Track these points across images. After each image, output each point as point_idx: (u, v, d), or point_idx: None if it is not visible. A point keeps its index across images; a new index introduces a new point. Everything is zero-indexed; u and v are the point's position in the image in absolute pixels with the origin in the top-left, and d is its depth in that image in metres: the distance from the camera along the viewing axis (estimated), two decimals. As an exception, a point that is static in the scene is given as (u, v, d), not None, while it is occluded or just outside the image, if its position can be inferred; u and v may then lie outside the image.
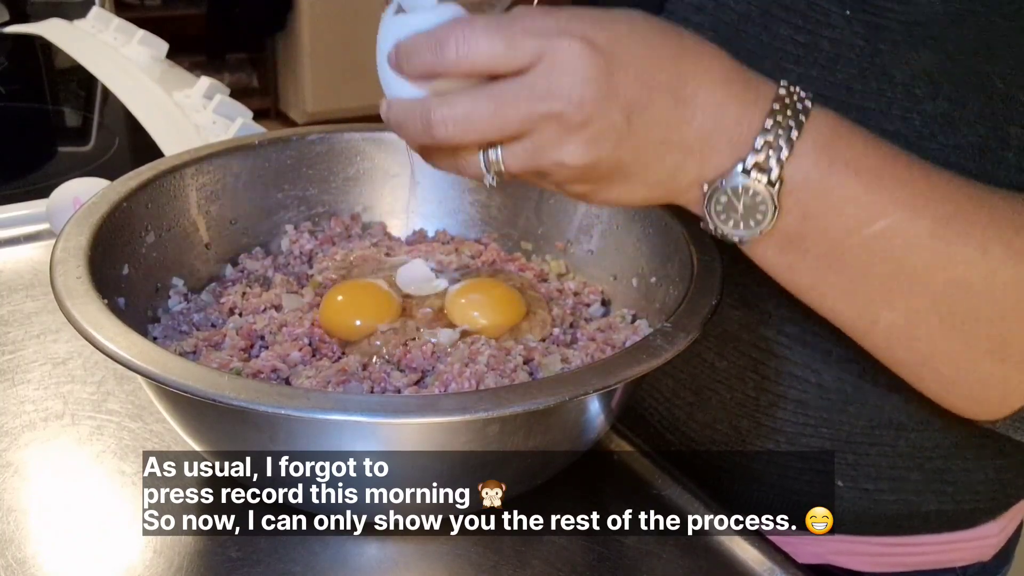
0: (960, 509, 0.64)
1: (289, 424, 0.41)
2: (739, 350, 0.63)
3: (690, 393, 0.68)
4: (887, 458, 0.62)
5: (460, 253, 0.65)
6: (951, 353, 0.44)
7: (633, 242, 0.61)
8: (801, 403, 0.62)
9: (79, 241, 0.49)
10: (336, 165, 0.68)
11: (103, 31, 1.43)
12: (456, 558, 0.49)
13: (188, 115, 1.10)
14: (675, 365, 0.68)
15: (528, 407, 0.39)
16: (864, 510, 0.64)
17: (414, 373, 0.51)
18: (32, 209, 0.82)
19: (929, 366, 0.45)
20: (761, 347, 0.62)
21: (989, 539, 0.66)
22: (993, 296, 0.42)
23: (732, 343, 0.64)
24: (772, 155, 0.42)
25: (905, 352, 0.45)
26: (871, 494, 0.63)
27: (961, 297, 0.42)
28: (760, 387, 0.63)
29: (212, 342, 0.54)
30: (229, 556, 0.47)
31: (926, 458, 0.62)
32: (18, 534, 0.48)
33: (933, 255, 0.42)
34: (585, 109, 0.40)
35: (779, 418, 0.63)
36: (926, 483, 0.63)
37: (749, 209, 0.42)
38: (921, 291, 0.42)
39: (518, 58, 0.40)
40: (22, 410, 0.58)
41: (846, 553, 0.65)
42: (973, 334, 0.43)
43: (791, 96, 0.43)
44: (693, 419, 0.68)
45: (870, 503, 0.64)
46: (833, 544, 0.65)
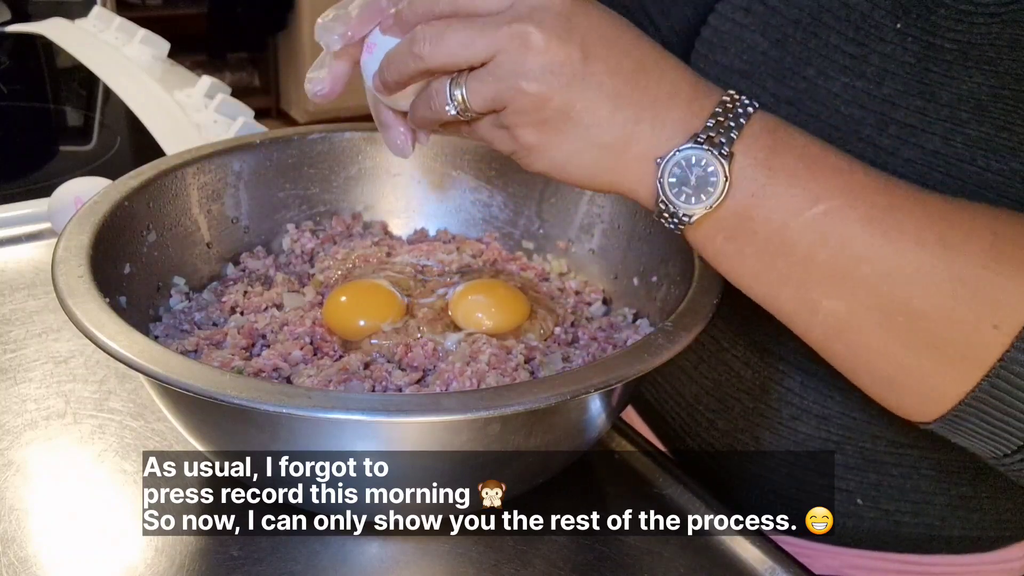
0: (985, 535, 0.63)
1: (290, 423, 0.41)
2: (766, 361, 0.63)
3: (713, 400, 0.67)
4: (911, 480, 0.61)
5: (461, 252, 0.65)
6: (887, 347, 0.43)
7: (634, 241, 0.61)
8: (824, 419, 0.61)
9: (81, 240, 0.49)
10: (337, 164, 0.68)
11: (105, 30, 1.43)
12: (457, 557, 0.49)
13: (189, 114, 1.10)
14: (699, 371, 0.68)
15: (529, 406, 0.39)
16: (884, 530, 0.63)
17: (415, 372, 0.51)
18: (33, 208, 0.82)
19: (867, 360, 0.45)
20: (788, 360, 0.62)
21: (1013, 562, 0.65)
22: (927, 289, 0.42)
23: (759, 354, 0.63)
24: (723, 132, 0.43)
25: (844, 346, 0.45)
26: (891, 515, 0.62)
27: (897, 289, 0.42)
28: (784, 399, 0.63)
29: (213, 341, 0.54)
30: (230, 555, 0.47)
31: (952, 483, 0.61)
32: (20, 533, 0.48)
33: (869, 244, 0.42)
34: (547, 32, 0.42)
35: (801, 432, 0.62)
36: (951, 509, 0.62)
37: (701, 181, 0.42)
38: (858, 281, 0.43)
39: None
40: (24, 409, 0.58)
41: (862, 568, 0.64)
42: (908, 328, 0.42)
43: (736, 100, 0.44)
44: (714, 426, 0.68)
45: (890, 524, 0.63)
46: (849, 558, 0.64)
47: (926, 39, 0.51)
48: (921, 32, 0.51)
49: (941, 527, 0.62)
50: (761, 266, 0.44)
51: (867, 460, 0.61)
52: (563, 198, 0.65)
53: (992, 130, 0.49)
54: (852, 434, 0.60)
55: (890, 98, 0.52)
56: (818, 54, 0.55)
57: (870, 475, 0.61)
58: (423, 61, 0.44)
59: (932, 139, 0.51)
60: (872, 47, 0.53)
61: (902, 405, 0.46)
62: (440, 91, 0.45)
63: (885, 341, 0.43)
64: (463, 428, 0.41)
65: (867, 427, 0.60)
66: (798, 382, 0.61)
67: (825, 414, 0.61)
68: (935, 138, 0.51)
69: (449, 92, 0.44)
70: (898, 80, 0.52)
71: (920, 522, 0.62)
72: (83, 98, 1.24)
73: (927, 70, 0.51)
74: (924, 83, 0.51)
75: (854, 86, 0.54)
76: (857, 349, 0.45)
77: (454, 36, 0.43)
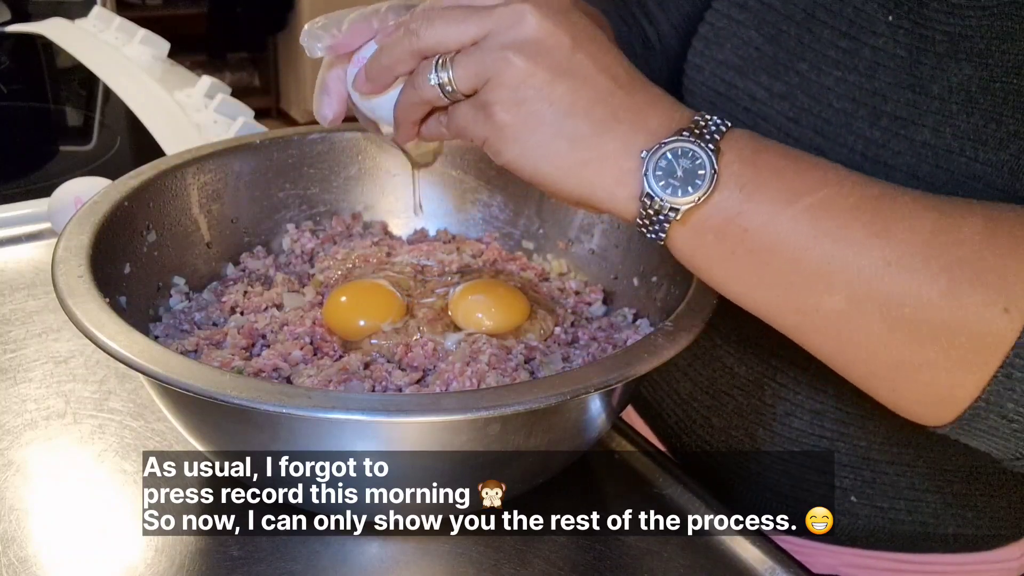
0: (980, 534, 0.63)
1: (290, 423, 0.41)
2: (759, 356, 0.63)
3: (708, 397, 0.67)
4: (905, 477, 0.61)
5: (461, 252, 0.65)
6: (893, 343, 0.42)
7: (634, 241, 0.61)
8: (818, 414, 0.61)
9: (81, 240, 0.49)
10: (337, 164, 0.68)
11: (105, 30, 1.43)
12: (457, 557, 0.49)
13: (189, 114, 1.10)
14: (694, 368, 0.68)
15: (529, 406, 0.39)
16: (879, 528, 0.63)
17: (415, 372, 0.51)
18: (33, 208, 0.82)
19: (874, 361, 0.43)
20: (782, 355, 0.61)
21: (1010, 562, 0.65)
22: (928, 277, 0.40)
23: (753, 349, 0.63)
24: (707, 131, 0.42)
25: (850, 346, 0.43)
26: (886, 512, 0.62)
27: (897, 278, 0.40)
28: (778, 395, 0.63)
29: (213, 341, 0.54)
30: (230, 555, 0.47)
31: (946, 481, 0.61)
32: (20, 533, 0.48)
33: (863, 233, 0.41)
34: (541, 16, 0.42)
35: (795, 428, 0.62)
36: (945, 507, 0.62)
37: (689, 173, 0.42)
38: (856, 273, 0.41)
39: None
40: (24, 409, 0.58)
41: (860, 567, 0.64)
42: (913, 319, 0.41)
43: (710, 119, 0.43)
44: (709, 423, 0.68)
45: (886, 522, 0.63)
46: (847, 556, 0.64)
47: (917, 31, 0.51)
48: (912, 25, 0.51)
49: (936, 525, 0.62)
50: (754, 267, 0.43)
51: (862, 458, 0.61)
52: (563, 198, 0.65)
53: (981, 122, 0.49)
54: (847, 429, 0.61)
55: (881, 91, 0.52)
56: (811, 49, 0.56)
57: (864, 472, 0.61)
58: (417, 38, 0.44)
59: (922, 131, 0.51)
60: (864, 40, 0.53)
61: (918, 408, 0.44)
62: (425, 68, 0.45)
63: (890, 336, 0.42)
64: (463, 428, 0.41)
65: (861, 422, 0.60)
66: (791, 377, 0.61)
67: (819, 409, 0.61)
68: (925, 130, 0.51)
69: (435, 69, 0.44)
70: (889, 73, 0.52)
71: (915, 520, 0.62)
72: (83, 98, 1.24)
73: (918, 63, 0.51)
74: (915, 76, 0.51)
75: (846, 80, 0.54)
76: (863, 348, 0.43)
77: (450, 13, 0.43)
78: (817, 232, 0.41)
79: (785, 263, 0.42)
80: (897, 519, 0.62)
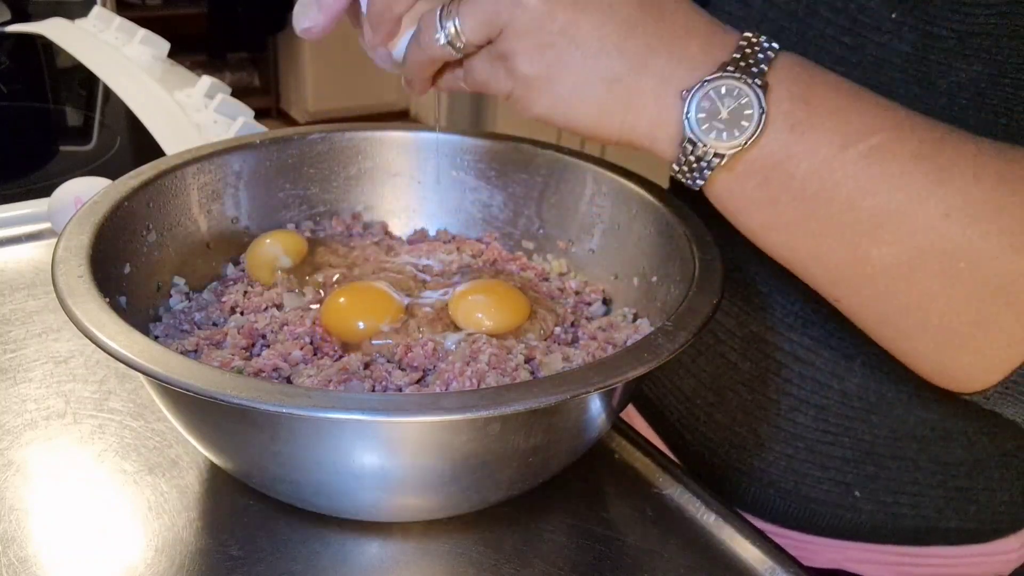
0: (981, 527, 0.63)
1: (290, 423, 0.41)
2: (763, 352, 0.63)
3: (711, 393, 0.67)
4: (908, 472, 0.61)
5: (461, 252, 0.65)
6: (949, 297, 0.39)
7: (634, 241, 0.61)
8: (822, 409, 0.61)
9: (80, 240, 0.49)
10: (337, 164, 0.68)
11: (104, 30, 1.43)
12: (457, 557, 0.49)
13: (189, 114, 1.10)
14: (697, 364, 0.68)
15: (529, 406, 0.39)
16: (882, 522, 0.63)
17: (415, 372, 0.51)
18: (33, 208, 0.82)
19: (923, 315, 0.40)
20: (785, 350, 0.61)
21: (1009, 554, 0.65)
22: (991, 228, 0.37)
23: (756, 344, 0.63)
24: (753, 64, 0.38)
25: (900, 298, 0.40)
26: (889, 507, 0.62)
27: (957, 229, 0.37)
28: (782, 390, 0.62)
29: (213, 341, 0.54)
30: (230, 555, 0.47)
31: (949, 475, 0.61)
32: (20, 533, 0.48)
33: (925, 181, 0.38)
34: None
35: (799, 423, 0.62)
36: (947, 501, 0.62)
37: (735, 114, 0.38)
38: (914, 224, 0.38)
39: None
40: (24, 409, 0.58)
41: (863, 561, 0.65)
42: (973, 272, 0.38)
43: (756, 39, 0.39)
44: (712, 419, 0.68)
45: (888, 516, 0.63)
46: (851, 551, 0.65)
47: (923, 28, 0.50)
48: (917, 21, 0.50)
49: (938, 519, 0.62)
50: (799, 215, 0.39)
51: (865, 452, 0.61)
52: (563, 198, 0.65)
53: (992, 116, 0.48)
54: (850, 424, 0.61)
55: (888, 85, 0.51)
56: (814, 45, 0.55)
57: (868, 467, 0.61)
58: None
59: None
60: (868, 37, 0.53)
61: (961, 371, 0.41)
62: (429, 23, 0.41)
63: (946, 290, 0.39)
64: (463, 428, 0.41)
65: (865, 417, 0.60)
66: (796, 372, 0.61)
67: (823, 404, 0.61)
68: None
69: (440, 21, 0.40)
70: (895, 69, 0.51)
71: (917, 514, 0.62)
72: (83, 98, 1.24)
73: (925, 59, 0.50)
74: (922, 71, 0.50)
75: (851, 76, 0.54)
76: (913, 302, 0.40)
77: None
78: (873, 179, 0.38)
79: (835, 212, 0.39)
80: (900, 513, 0.62)
